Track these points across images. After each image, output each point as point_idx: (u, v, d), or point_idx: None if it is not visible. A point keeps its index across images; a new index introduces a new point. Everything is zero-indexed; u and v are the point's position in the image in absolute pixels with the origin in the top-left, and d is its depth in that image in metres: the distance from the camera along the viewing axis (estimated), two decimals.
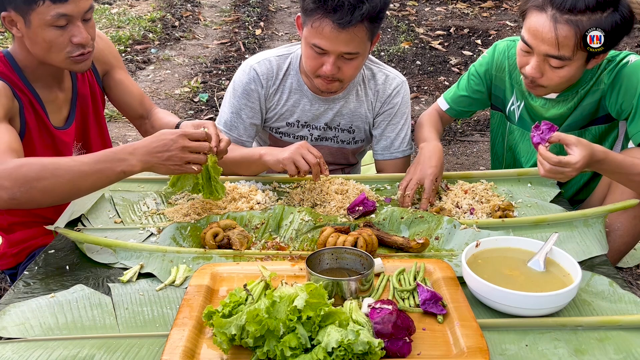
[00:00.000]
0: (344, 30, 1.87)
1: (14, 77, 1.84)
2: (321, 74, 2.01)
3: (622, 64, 1.96)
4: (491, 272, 1.45)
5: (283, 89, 2.19)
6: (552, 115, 2.09)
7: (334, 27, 1.87)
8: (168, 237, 1.70)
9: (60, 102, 2.00)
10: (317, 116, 2.23)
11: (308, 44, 1.96)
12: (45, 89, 1.93)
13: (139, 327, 1.38)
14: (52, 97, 1.96)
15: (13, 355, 1.26)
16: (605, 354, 1.28)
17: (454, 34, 6.88)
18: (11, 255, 2.04)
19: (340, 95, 2.20)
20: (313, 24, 1.90)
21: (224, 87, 5.26)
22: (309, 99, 2.20)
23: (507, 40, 2.23)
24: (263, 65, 2.16)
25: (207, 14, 7.99)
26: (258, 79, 2.16)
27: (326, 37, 1.90)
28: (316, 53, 1.96)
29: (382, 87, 2.22)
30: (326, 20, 1.87)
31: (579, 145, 1.66)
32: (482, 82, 2.26)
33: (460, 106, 2.33)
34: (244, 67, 2.19)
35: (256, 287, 1.33)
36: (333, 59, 1.95)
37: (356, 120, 2.25)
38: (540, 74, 1.90)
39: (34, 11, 1.73)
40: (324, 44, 1.92)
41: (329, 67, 1.96)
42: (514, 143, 2.26)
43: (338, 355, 1.14)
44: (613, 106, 1.98)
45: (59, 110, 2.00)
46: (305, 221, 1.75)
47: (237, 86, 2.18)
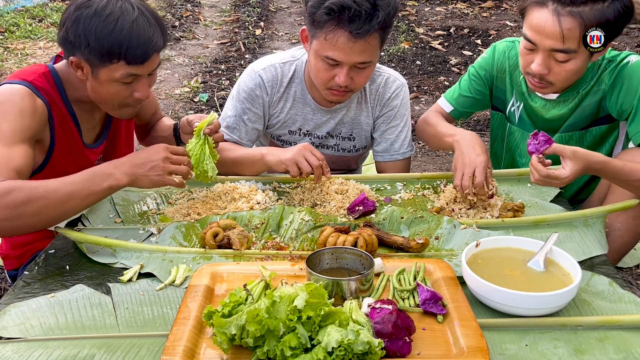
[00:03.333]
0: (359, 40, 1.84)
1: (54, 93, 1.83)
2: (333, 86, 1.99)
3: (623, 64, 1.95)
4: (491, 272, 1.45)
5: (287, 97, 2.19)
6: (553, 116, 2.09)
7: (349, 38, 1.84)
8: (168, 237, 1.70)
9: (95, 122, 2.00)
10: (319, 125, 2.23)
11: (319, 56, 1.93)
12: (84, 109, 1.92)
13: (139, 327, 1.38)
14: (89, 117, 1.96)
15: (13, 355, 1.26)
16: (605, 353, 1.28)
17: (454, 34, 6.88)
18: (14, 257, 2.05)
19: (342, 105, 2.20)
20: (327, 36, 1.86)
21: (224, 87, 5.26)
22: (312, 108, 2.19)
23: (505, 41, 2.22)
24: (269, 72, 2.15)
25: (207, 14, 7.99)
26: (263, 85, 2.15)
27: (340, 49, 1.86)
28: (328, 65, 1.93)
29: (382, 90, 2.21)
30: (340, 31, 1.84)
31: (574, 159, 1.66)
32: (484, 82, 2.25)
33: (463, 107, 2.32)
34: (249, 72, 2.18)
35: (256, 287, 1.33)
36: (346, 70, 1.92)
37: (356, 127, 2.25)
38: (547, 70, 1.89)
39: (105, 67, 1.72)
40: (338, 56, 1.88)
41: (342, 79, 1.93)
42: (514, 144, 2.26)
43: (338, 355, 1.14)
44: (614, 107, 1.98)
45: (93, 129, 2.00)
46: (305, 221, 1.75)
47: (241, 90, 2.17)
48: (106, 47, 1.67)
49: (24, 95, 1.72)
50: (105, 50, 1.68)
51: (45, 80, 1.81)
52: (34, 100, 1.74)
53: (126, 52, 1.69)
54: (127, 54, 1.69)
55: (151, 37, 1.71)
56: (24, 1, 8.13)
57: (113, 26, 1.66)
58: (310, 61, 2.01)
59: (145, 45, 1.70)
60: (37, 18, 7.61)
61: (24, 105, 1.71)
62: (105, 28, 1.66)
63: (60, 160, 1.89)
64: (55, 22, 7.42)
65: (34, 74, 1.80)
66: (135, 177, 1.64)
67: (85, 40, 1.68)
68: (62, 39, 1.74)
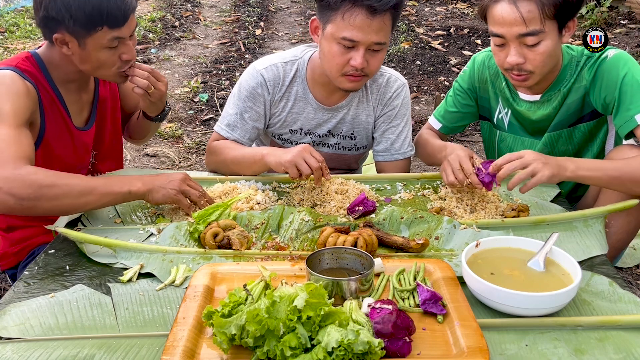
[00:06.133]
0: (375, 18, 1.89)
1: (40, 77, 1.88)
2: (348, 71, 1.99)
3: (602, 58, 1.98)
4: (491, 272, 1.45)
5: (288, 96, 2.19)
6: (540, 117, 2.11)
7: (366, 15, 1.88)
8: (168, 237, 1.70)
9: (82, 104, 2.04)
10: (321, 124, 2.23)
11: (335, 39, 1.95)
12: (70, 91, 1.97)
13: (139, 327, 1.38)
14: (75, 99, 2.00)
15: (13, 355, 1.26)
16: (605, 353, 1.28)
17: (454, 34, 6.89)
18: (12, 254, 2.05)
19: (344, 103, 2.20)
20: (344, 15, 1.90)
21: (224, 87, 5.26)
22: (313, 107, 2.20)
23: (485, 51, 2.27)
24: (270, 71, 2.16)
25: (207, 14, 7.99)
26: (265, 84, 2.15)
27: (358, 27, 1.90)
28: (344, 48, 1.95)
29: (383, 89, 2.22)
30: (357, 9, 1.88)
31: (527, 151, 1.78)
32: (469, 95, 2.29)
33: (452, 122, 2.36)
34: (251, 70, 2.18)
35: (256, 287, 1.33)
36: (362, 51, 1.95)
37: (357, 126, 2.25)
38: (522, 59, 1.91)
39: (90, 36, 1.78)
40: (356, 35, 1.91)
41: (359, 60, 1.95)
42: (507, 150, 2.28)
43: (338, 355, 1.14)
44: (597, 101, 2.00)
45: (81, 111, 2.04)
46: (305, 221, 1.75)
47: (242, 88, 2.18)
48: (87, 15, 1.74)
49: (15, 78, 1.78)
50: (87, 18, 1.75)
51: (29, 64, 1.87)
52: (23, 82, 1.79)
53: (107, 16, 1.76)
54: (108, 18, 1.77)
55: None
56: (24, 1, 8.13)
57: None
58: (324, 48, 2.02)
59: (123, 6, 1.79)
60: None
61: (18, 87, 1.77)
62: None
63: (53, 143, 1.94)
64: None
65: (17, 59, 1.87)
66: (152, 186, 1.77)
67: (67, 13, 1.75)
68: (43, 19, 1.79)
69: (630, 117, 1.88)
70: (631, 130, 1.89)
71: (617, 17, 7.00)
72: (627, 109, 1.89)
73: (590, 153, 2.15)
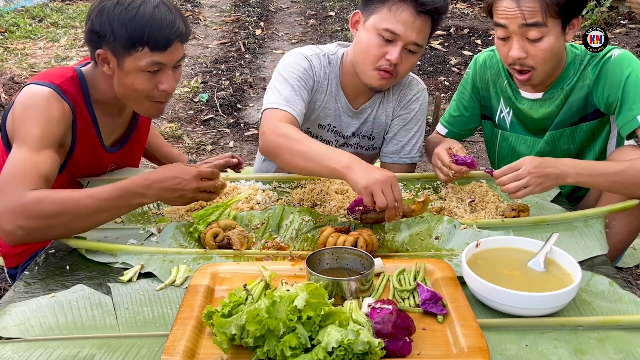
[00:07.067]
0: (419, 17, 1.93)
1: (79, 98, 1.84)
2: (382, 65, 1.99)
3: (606, 58, 1.98)
4: (491, 272, 1.45)
5: (324, 90, 2.17)
6: (542, 115, 2.11)
7: (412, 13, 1.92)
8: (168, 237, 1.70)
9: (115, 126, 2.02)
10: (347, 125, 2.23)
11: (377, 29, 1.96)
12: (106, 113, 1.94)
13: (139, 327, 1.38)
14: (109, 121, 1.97)
15: (13, 355, 1.26)
16: (605, 353, 1.28)
17: (454, 34, 6.89)
18: (14, 255, 2.05)
19: (367, 105, 2.21)
20: (392, 7, 1.93)
21: (224, 87, 5.26)
22: (342, 106, 2.19)
23: (486, 51, 2.27)
24: (316, 60, 2.13)
25: (207, 14, 7.99)
26: (312, 70, 2.11)
27: (402, 22, 1.93)
28: (383, 40, 1.96)
29: (404, 90, 2.22)
30: (405, 4, 1.92)
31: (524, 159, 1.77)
32: (472, 97, 2.30)
33: (458, 127, 2.36)
34: (298, 55, 2.10)
35: (256, 287, 1.33)
36: (400, 48, 1.96)
37: (377, 127, 2.26)
38: (525, 53, 1.92)
39: (130, 56, 1.74)
40: (399, 29, 1.93)
41: (395, 55, 1.96)
42: (509, 149, 2.27)
43: (338, 355, 1.14)
44: (600, 100, 2.00)
45: (112, 133, 2.03)
46: (305, 221, 1.75)
47: (294, 69, 2.06)
48: (129, 32, 1.70)
49: (52, 100, 1.74)
50: (129, 35, 1.71)
51: (71, 84, 1.82)
52: (61, 104, 1.76)
53: (149, 36, 1.71)
54: (149, 39, 1.72)
55: (173, 21, 1.76)
56: (24, 1, 8.14)
57: (135, 12, 1.71)
58: (362, 39, 2.01)
59: (168, 29, 1.74)
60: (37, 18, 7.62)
61: (52, 111, 1.73)
62: (128, 14, 1.71)
63: (78, 162, 1.92)
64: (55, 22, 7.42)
65: (62, 77, 1.81)
66: (163, 199, 1.71)
67: (109, 28, 1.71)
68: (89, 32, 1.77)
69: (632, 117, 1.88)
70: (633, 131, 1.89)
71: (617, 17, 7.00)
72: (630, 109, 1.89)
73: (592, 153, 2.15)
